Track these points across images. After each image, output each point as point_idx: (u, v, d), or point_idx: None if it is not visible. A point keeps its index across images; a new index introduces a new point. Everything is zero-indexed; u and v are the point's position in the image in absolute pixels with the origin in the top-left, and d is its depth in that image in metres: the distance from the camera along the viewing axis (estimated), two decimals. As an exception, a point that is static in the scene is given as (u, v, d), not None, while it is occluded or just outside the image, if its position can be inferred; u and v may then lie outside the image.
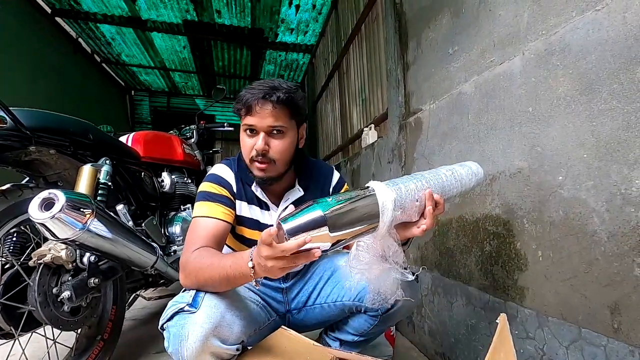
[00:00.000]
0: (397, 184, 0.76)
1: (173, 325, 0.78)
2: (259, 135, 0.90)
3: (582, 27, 0.85)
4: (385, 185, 0.74)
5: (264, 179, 0.94)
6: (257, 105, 0.88)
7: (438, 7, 1.55)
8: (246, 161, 0.95)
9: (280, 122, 0.90)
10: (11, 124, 1.06)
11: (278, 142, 0.91)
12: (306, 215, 0.64)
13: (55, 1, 4.03)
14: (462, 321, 1.33)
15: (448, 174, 0.87)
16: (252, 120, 0.90)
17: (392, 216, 0.71)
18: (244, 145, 0.94)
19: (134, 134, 1.87)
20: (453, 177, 0.87)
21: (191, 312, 0.78)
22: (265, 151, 0.90)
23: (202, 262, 0.80)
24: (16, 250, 1.18)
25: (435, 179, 0.83)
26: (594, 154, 0.82)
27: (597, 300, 0.81)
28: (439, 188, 0.83)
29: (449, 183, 0.86)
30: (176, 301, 0.82)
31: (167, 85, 6.85)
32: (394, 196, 0.71)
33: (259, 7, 4.18)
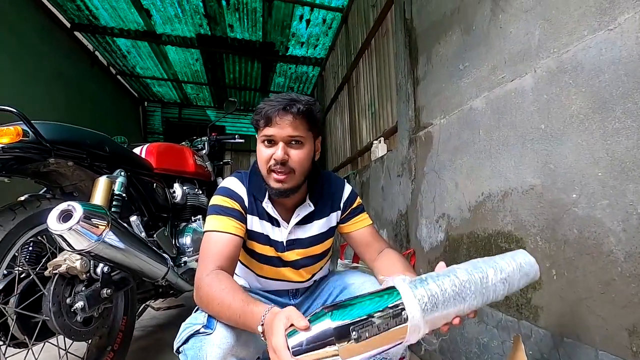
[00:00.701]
0: (435, 299, 0.60)
1: (190, 348, 0.78)
2: (278, 145, 0.90)
3: (594, 46, 0.86)
4: (418, 299, 0.59)
5: (281, 191, 0.93)
6: (277, 116, 0.89)
7: (448, 24, 1.57)
8: (263, 172, 0.95)
9: (299, 132, 0.91)
10: (33, 137, 1.09)
11: (297, 152, 0.92)
12: (314, 329, 0.56)
13: (75, 16, 4.18)
14: (474, 339, 1.30)
15: (498, 283, 0.68)
16: (271, 131, 0.90)
17: (421, 336, 0.61)
18: (261, 156, 0.94)
19: (148, 146, 1.91)
20: (502, 286, 0.68)
21: (207, 333, 0.78)
22: (284, 160, 0.90)
23: (214, 296, 0.78)
24: (32, 260, 1.21)
25: (479, 289, 0.66)
26: (609, 173, 0.81)
27: (615, 322, 0.79)
28: (480, 300, 0.66)
29: (493, 296, 0.68)
30: (190, 323, 0.81)
31: (179, 97, 6.99)
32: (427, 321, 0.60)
33: (271, 22, 4.27)
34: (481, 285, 0.65)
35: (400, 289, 0.61)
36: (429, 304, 0.60)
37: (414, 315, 0.58)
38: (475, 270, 0.67)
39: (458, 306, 0.63)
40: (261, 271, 1.06)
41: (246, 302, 0.74)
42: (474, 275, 0.66)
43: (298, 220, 1.01)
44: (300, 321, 0.59)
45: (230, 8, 3.99)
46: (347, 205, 1.08)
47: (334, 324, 0.55)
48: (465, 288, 0.64)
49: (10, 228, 1.05)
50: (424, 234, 1.75)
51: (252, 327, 0.70)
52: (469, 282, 0.65)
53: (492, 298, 0.67)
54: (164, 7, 3.98)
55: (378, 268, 0.98)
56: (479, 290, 0.65)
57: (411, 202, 1.89)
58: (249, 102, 7.09)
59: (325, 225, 1.06)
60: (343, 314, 0.57)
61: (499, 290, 0.67)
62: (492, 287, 0.66)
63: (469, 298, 0.64)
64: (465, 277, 0.65)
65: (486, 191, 1.26)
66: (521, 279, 0.70)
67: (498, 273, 0.68)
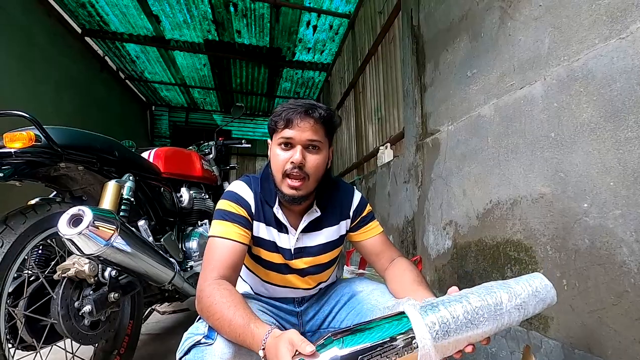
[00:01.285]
0: (446, 326, 0.58)
1: (191, 358, 0.77)
2: (296, 149, 0.90)
3: (606, 55, 0.85)
4: (428, 326, 0.58)
5: (295, 197, 0.92)
6: (298, 119, 0.89)
7: (456, 31, 1.57)
8: (277, 176, 0.93)
9: (319, 137, 0.91)
10: (44, 142, 1.11)
11: (314, 158, 0.91)
12: (322, 356, 0.55)
13: (86, 22, 4.25)
14: (482, 349, 1.28)
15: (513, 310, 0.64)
16: (290, 133, 0.89)
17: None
18: (277, 159, 0.92)
19: (156, 150, 1.92)
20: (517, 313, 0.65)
21: (208, 344, 0.77)
22: (302, 164, 0.89)
23: (214, 309, 0.78)
24: (41, 263, 1.22)
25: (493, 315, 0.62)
26: (621, 182, 0.80)
27: (628, 334, 0.77)
28: (494, 326, 0.63)
29: (508, 321, 0.64)
30: (191, 333, 0.81)
31: (187, 101, 7.06)
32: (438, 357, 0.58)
33: (278, 28, 4.31)
34: (495, 311, 0.62)
35: (410, 316, 0.59)
36: (440, 331, 0.57)
37: (425, 343, 0.56)
38: (489, 296, 0.64)
39: (470, 333, 0.60)
40: (267, 277, 1.05)
41: (247, 320, 0.73)
42: (487, 301, 0.63)
43: (305, 225, 1.00)
44: (306, 347, 0.57)
45: (238, 14, 4.03)
46: (356, 213, 1.06)
47: (342, 352, 0.54)
48: (478, 315, 0.61)
49: (21, 231, 1.06)
50: (430, 241, 1.73)
51: (252, 349, 0.69)
52: (482, 309, 0.61)
53: (506, 324, 0.64)
54: (173, 13, 4.03)
55: (389, 278, 0.97)
56: (493, 316, 0.62)
57: (418, 209, 1.88)
58: (255, 107, 7.14)
59: (335, 233, 1.05)
60: (351, 341, 0.55)
61: (514, 316, 0.64)
62: (506, 314, 0.63)
63: (482, 325, 0.61)
64: (478, 303, 0.62)
65: (495, 199, 1.25)
66: (537, 305, 0.67)
67: (513, 299, 0.64)
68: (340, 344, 0.55)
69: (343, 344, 0.55)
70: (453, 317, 0.59)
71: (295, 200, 0.93)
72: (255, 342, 0.68)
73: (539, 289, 0.67)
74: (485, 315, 0.61)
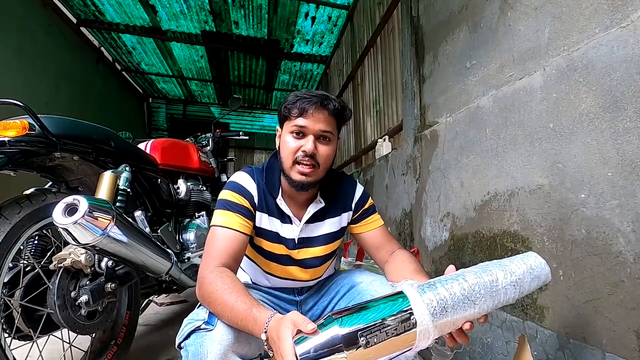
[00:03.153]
0: (444, 303, 0.59)
1: (191, 344, 0.78)
2: (308, 138, 0.91)
3: (606, 44, 0.84)
4: (427, 304, 0.59)
5: (304, 183, 0.93)
6: (312, 109, 0.90)
7: (455, 22, 1.56)
8: (287, 163, 0.94)
9: (330, 129, 0.93)
10: (39, 131, 1.09)
11: (325, 148, 0.93)
12: (322, 336, 0.56)
13: (81, 12, 4.19)
14: (478, 339, 1.29)
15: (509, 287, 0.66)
16: (304, 122, 0.91)
17: (430, 343, 0.59)
18: (288, 146, 0.93)
19: (153, 141, 1.91)
20: (513, 289, 0.66)
21: (208, 329, 0.77)
22: (314, 153, 0.91)
23: (216, 295, 0.78)
24: (37, 253, 1.21)
25: (489, 292, 0.64)
26: (619, 173, 0.80)
27: (623, 324, 0.78)
28: (491, 303, 0.65)
29: (504, 299, 0.66)
30: (192, 319, 0.81)
31: (184, 93, 7.00)
32: (436, 326, 0.59)
33: (276, 19, 4.27)
34: (491, 288, 0.64)
35: (408, 294, 0.60)
36: (438, 308, 0.59)
37: (423, 320, 0.57)
38: (485, 274, 0.65)
39: (468, 310, 0.61)
40: (267, 268, 1.06)
41: (249, 305, 0.73)
42: (483, 279, 0.64)
43: (310, 216, 1.00)
44: (307, 325, 0.58)
45: (236, 5, 3.98)
46: (358, 206, 1.07)
47: (342, 331, 0.55)
48: (475, 292, 0.62)
49: (16, 221, 1.05)
50: (428, 233, 1.74)
51: (254, 333, 0.70)
52: (479, 286, 0.63)
53: (502, 301, 0.66)
54: (170, 3, 3.98)
55: (389, 270, 0.97)
56: (489, 293, 0.63)
57: (415, 201, 1.88)
58: (253, 99, 7.09)
59: (337, 224, 1.05)
60: (351, 320, 0.56)
61: (510, 293, 0.66)
62: (502, 291, 0.65)
63: (479, 302, 0.62)
64: (474, 280, 0.64)
65: (492, 190, 1.25)
66: (532, 282, 0.69)
67: (508, 276, 0.66)
68: (340, 323, 0.55)
69: (343, 323, 0.55)
70: (450, 294, 0.60)
71: (304, 186, 0.94)
72: (257, 326, 0.68)
73: (533, 267, 0.69)
74: (481, 292, 0.63)
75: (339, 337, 0.54)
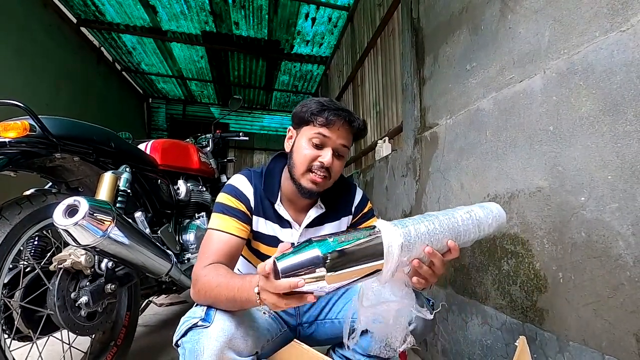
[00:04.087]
0: (407, 225, 0.69)
1: (188, 341, 0.78)
2: (327, 150, 0.92)
3: (606, 48, 0.85)
4: (393, 226, 0.67)
5: (313, 192, 0.95)
6: (340, 123, 0.92)
7: (456, 24, 1.56)
8: (300, 168, 0.94)
9: (348, 145, 0.97)
10: (40, 132, 1.10)
11: (338, 163, 0.96)
12: (302, 254, 0.60)
13: (81, 12, 4.19)
14: (477, 341, 1.30)
15: (465, 216, 0.77)
16: (329, 133, 0.92)
17: (398, 262, 0.65)
18: (304, 153, 0.93)
19: (153, 142, 1.91)
20: (470, 221, 0.77)
21: (205, 326, 0.78)
22: (330, 166, 0.93)
23: (211, 282, 0.80)
24: (37, 254, 1.22)
25: (449, 223, 0.74)
26: (619, 176, 0.80)
27: (622, 327, 0.78)
28: (454, 233, 0.74)
29: (465, 228, 0.76)
30: (189, 317, 0.82)
31: (184, 94, 7.00)
32: (401, 241, 0.65)
33: (276, 20, 4.27)
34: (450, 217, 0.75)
35: (379, 224, 0.68)
36: (401, 226, 0.68)
37: (388, 234, 0.65)
38: (446, 211, 0.79)
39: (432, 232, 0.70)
40: None
41: (242, 277, 0.76)
42: (444, 213, 0.77)
43: (310, 222, 1.01)
44: (284, 245, 0.64)
45: (236, 5, 3.98)
46: (358, 209, 1.08)
47: (320, 251, 0.60)
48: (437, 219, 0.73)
49: (16, 222, 1.06)
50: (428, 235, 1.74)
51: (250, 296, 0.71)
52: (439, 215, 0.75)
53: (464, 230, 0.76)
54: (170, 3, 3.98)
55: None
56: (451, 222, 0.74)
57: (415, 203, 1.89)
58: (253, 100, 7.09)
59: (336, 228, 1.06)
60: (329, 243, 0.62)
61: (469, 224, 0.77)
62: (461, 220, 0.76)
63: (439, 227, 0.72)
64: (436, 213, 0.76)
65: (492, 192, 1.25)
66: (491, 223, 0.82)
67: (466, 210, 0.80)
68: (320, 246, 0.61)
69: (322, 246, 0.61)
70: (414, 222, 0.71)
71: (312, 194, 0.96)
72: (252, 285, 0.71)
73: (493, 212, 0.84)
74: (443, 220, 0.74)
75: (319, 256, 0.60)
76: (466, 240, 0.77)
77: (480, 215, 0.80)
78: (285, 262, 0.60)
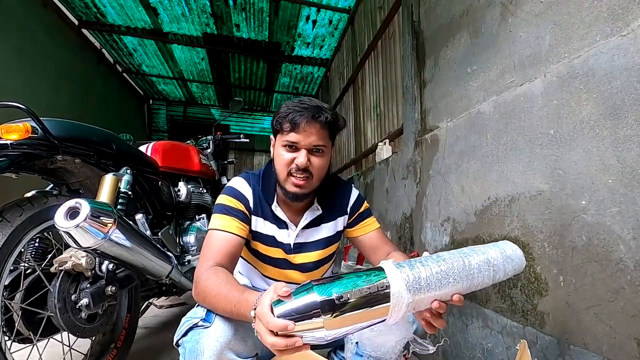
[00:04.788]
0: (419, 278, 0.61)
1: (188, 340, 0.78)
2: (301, 152, 0.91)
3: (606, 52, 0.85)
4: (401, 271, 0.61)
5: (298, 195, 0.94)
6: (304, 124, 0.90)
7: (456, 27, 1.57)
8: (281, 175, 0.95)
9: (323, 142, 0.93)
10: (41, 134, 1.10)
11: (318, 160, 0.93)
12: (301, 299, 0.57)
13: (82, 13, 4.20)
14: (478, 344, 1.29)
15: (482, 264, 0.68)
16: (296, 137, 0.91)
17: (405, 312, 0.60)
18: (281, 160, 0.93)
19: (154, 144, 1.91)
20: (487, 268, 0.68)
21: (205, 326, 0.78)
22: (307, 167, 0.91)
23: (211, 289, 0.79)
24: (37, 256, 1.21)
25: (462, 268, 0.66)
26: (619, 180, 0.81)
27: (623, 331, 0.78)
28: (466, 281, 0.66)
29: (479, 281, 0.68)
30: (190, 317, 0.82)
31: (184, 95, 7.01)
32: (411, 300, 0.60)
33: (277, 22, 4.28)
34: (465, 266, 0.66)
35: (385, 268, 0.62)
36: (413, 280, 0.61)
37: (397, 289, 0.59)
38: (460, 254, 0.68)
39: (443, 287, 0.63)
40: (265, 271, 1.06)
41: (241, 291, 0.75)
42: (458, 258, 0.67)
43: (306, 223, 1.01)
44: (282, 288, 0.59)
45: (237, 7, 3.99)
46: (354, 209, 1.08)
47: (320, 297, 0.56)
48: (450, 269, 0.64)
49: (17, 224, 1.06)
50: (428, 237, 1.74)
51: (246, 315, 0.70)
52: (453, 263, 0.65)
53: (478, 280, 0.67)
54: (171, 5, 3.99)
55: None
56: (465, 271, 0.66)
57: (416, 205, 1.89)
58: (254, 101, 7.10)
59: (332, 229, 1.06)
60: (330, 288, 0.57)
61: (484, 271, 0.68)
62: (476, 268, 0.67)
63: (453, 280, 0.64)
64: (450, 259, 0.66)
65: (493, 195, 1.26)
66: (506, 263, 0.71)
67: (481, 255, 0.69)
68: (319, 290, 0.57)
69: (321, 290, 0.57)
70: (426, 270, 0.63)
71: (299, 197, 0.95)
72: (248, 305, 0.69)
73: (505, 249, 0.73)
74: (456, 270, 0.65)
75: (317, 302, 0.56)
76: (477, 287, 0.70)
77: (498, 262, 0.70)
78: (281, 307, 0.57)
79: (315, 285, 0.58)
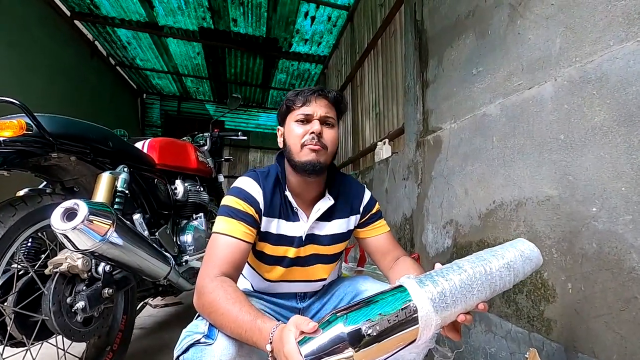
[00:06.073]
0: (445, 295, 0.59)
1: (190, 358, 0.74)
2: (314, 122, 0.94)
3: (621, 58, 0.84)
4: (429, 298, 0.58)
5: (314, 163, 0.92)
6: (313, 98, 0.95)
7: (462, 28, 1.55)
8: (295, 149, 0.94)
9: (332, 115, 0.97)
10: (36, 130, 1.05)
11: (329, 132, 0.96)
12: (327, 333, 0.55)
13: (75, 4, 4.10)
14: (481, 348, 1.29)
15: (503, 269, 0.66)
16: (308, 110, 0.94)
17: (434, 330, 0.59)
18: (294, 134, 0.95)
19: (150, 140, 1.86)
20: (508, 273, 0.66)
21: (208, 344, 0.74)
22: (321, 133, 0.93)
23: (218, 305, 0.75)
24: (31, 256, 1.17)
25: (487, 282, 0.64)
26: (633, 188, 0.79)
27: (635, 341, 0.77)
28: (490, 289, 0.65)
29: (501, 287, 0.66)
30: (190, 331, 0.78)
31: (179, 90, 6.91)
32: (439, 321, 0.58)
33: (275, 18, 4.23)
34: (487, 274, 0.64)
35: (408, 287, 0.59)
36: (438, 298, 0.58)
37: (425, 311, 0.57)
38: (479, 261, 0.66)
39: (468, 298, 0.61)
40: (269, 273, 1.03)
41: (253, 316, 0.71)
42: (478, 266, 0.64)
43: (319, 215, 0.99)
44: (308, 324, 0.57)
45: (235, 2, 3.93)
46: (366, 210, 1.06)
47: (347, 329, 0.54)
48: (473, 280, 0.62)
49: (10, 225, 1.01)
50: (429, 239, 1.73)
51: (259, 345, 0.67)
52: (475, 273, 0.63)
53: (500, 286, 0.66)
54: (167, -2, 3.92)
55: (393, 277, 0.95)
56: (486, 280, 0.63)
57: (417, 207, 1.87)
58: (250, 98, 7.03)
59: (344, 226, 1.04)
60: (355, 317, 0.55)
61: (505, 276, 0.66)
62: (497, 274, 0.65)
63: (477, 289, 0.62)
64: (471, 269, 0.64)
65: (498, 199, 1.24)
66: (525, 265, 0.69)
67: (500, 259, 0.67)
68: (344, 321, 0.55)
69: (347, 321, 0.55)
70: (449, 284, 0.60)
71: (315, 168, 0.92)
72: (262, 337, 0.66)
73: (523, 250, 0.70)
74: (479, 279, 0.62)
75: (345, 335, 0.54)
76: (499, 292, 0.68)
77: (517, 265, 0.68)
78: (308, 346, 0.55)
79: (340, 316, 0.56)
